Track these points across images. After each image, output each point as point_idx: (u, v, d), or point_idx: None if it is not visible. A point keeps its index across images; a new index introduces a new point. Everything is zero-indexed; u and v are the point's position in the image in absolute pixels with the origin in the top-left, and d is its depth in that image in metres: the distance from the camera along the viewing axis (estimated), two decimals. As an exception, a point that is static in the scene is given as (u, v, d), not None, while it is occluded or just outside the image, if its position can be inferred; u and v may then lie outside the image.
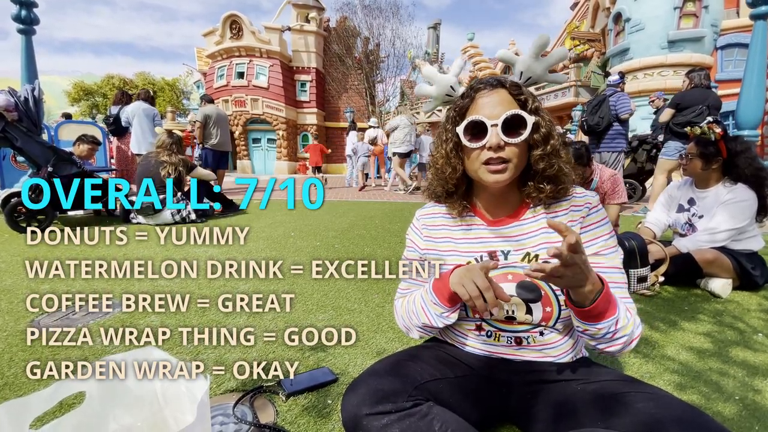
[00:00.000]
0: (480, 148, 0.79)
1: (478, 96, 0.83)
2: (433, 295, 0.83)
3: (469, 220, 0.91)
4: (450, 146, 0.86)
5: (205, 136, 6.16)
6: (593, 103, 4.81)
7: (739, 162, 2.02)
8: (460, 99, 0.86)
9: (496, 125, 0.77)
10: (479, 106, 0.81)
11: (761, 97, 4.45)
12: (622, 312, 0.75)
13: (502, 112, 0.78)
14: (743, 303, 1.89)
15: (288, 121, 18.62)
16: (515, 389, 0.85)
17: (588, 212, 0.84)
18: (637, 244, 1.96)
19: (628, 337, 0.76)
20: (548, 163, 0.81)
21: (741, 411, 1.05)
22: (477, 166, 0.81)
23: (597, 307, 0.72)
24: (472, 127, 0.80)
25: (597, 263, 0.81)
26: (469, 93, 0.85)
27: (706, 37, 10.97)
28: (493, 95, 0.81)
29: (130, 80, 33.41)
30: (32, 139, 3.51)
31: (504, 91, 0.82)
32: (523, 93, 0.83)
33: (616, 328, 0.74)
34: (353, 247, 2.97)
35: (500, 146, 0.77)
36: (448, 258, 0.89)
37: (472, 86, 0.85)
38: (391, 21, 19.69)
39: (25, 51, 4.62)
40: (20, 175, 6.55)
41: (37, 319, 1.59)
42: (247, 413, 0.98)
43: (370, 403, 0.70)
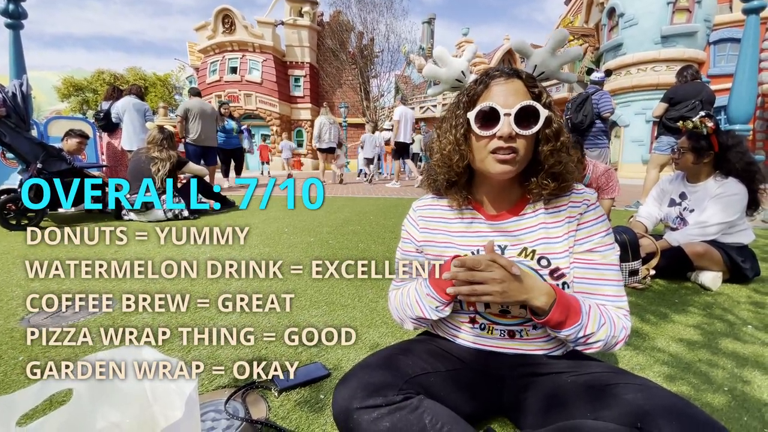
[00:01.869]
0: (490, 137, 0.78)
1: (493, 83, 0.80)
2: (429, 287, 0.82)
3: (467, 213, 0.91)
4: (461, 132, 0.83)
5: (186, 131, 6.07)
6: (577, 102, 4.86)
7: (730, 156, 2.04)
8: (474, 84, 0.84)
9: (509, 114, 0.76)
10: (493, 94, 0.79)
11: (753, 92, 4.48)
12: (591, 319, 0.76)
13: (516, 102, 0.76)
14: (733, 295, 1.92)
15: (282, 117, 18.52)
16: (507, 382, 0.85)
17: (586, 209, 0.84)
18: (628, 238, 1.97)
19: (603, 342, 0.77)
20: (557, 160, 0.80)
21: (730, 402, 1.06)
22: (484, 155, 0.79)
23: (552, 318, 0.74)
24: (484, 114, 0.78)
25: (591, 260, 0.82)
26: (483, 79, 0.82)
27: (699, 32, 11.02)
28: (509, 84, 0.79)
29: (120, 75, 32.99)
30: (21, 135, 3.46)
31: (519, 81, 0.80)
32: (537, 86, 0.81)
33: (584, 333, 0.76)
34: (348, 243, 2.97)
35: (511, 136, 0.76)
36: (445, 250, 0.89)
37: (488, 73, 0.83)
38: (385, 15, 19.57)
39: (13, 46, 4.54)
40: (9, 172, 6.46)
41: (27, 316, 1.57)
42: (239, 409, 0.97)
43: (360, 396, 0.70)
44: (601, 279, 0.82)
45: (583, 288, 0.82)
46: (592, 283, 0.82)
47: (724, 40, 12.25)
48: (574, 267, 0.82)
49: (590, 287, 0.82)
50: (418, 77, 20.64)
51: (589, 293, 0.82)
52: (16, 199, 3.26)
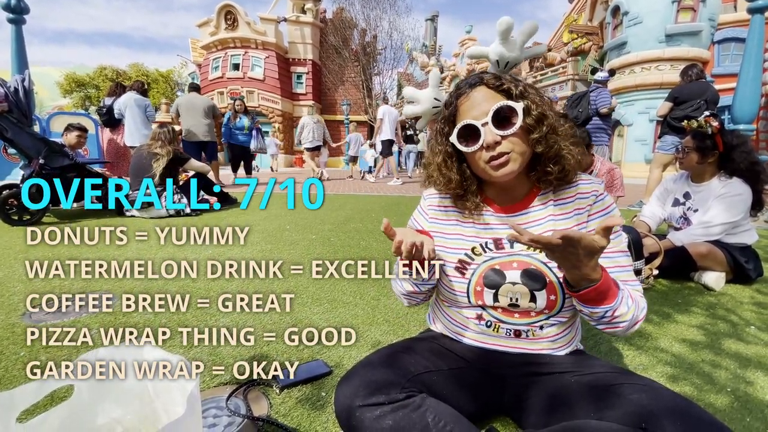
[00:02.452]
0: (479, 150, 0.79)
1: (460, 101, 0.83)
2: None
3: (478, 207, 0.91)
4: (453, 159, 0.86)
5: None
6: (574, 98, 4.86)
7: (734, 156, 2.02)
8: (445, 108, 0.86)
9: (486, 123, 0.77)
10: (465, 110, 0.81)
11: (757, 92, 4.45)
12: (623, 303, 0.75)
13: (489, 108, 0.77)
14: (736, 296, 1.91)
15: (284, 114, 18.50)
16: (510, 381, 0.85)
17: (595, 200, 0.84)
18: (632, 238, 1.96)
19: (628, 323, 0.76)
20: (547, 145, 0.79)
21: (733, 402, 1.05)
22: (482, 166, 0.80)
23: (587, 294, 0.72)
24: (464, 132, 0.80)
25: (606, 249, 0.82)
26: (451, 101, 0.85)
27: (704, 32, 10.97)
28: (475, 94, 0.81)
29: (123, 71, 33.00)
30: (23, 130, 3.46)
31: (483, 87, 0.81)
32: (503, 82, 0.81)
33: (612, 314, 0.74)
34: (349, 240, 2.96)
35: (497, 142, 0.76)
36: (454, 242, 0.89)
37: (452, 93, 0.86)
38: (388, 12, 19.55)
39: (15, 41, 4.53)
40: (12, 168, 6.49)
41: (29, 312, 1.58)
42: (240, 406, 0.97)
43: (363, 394, 0.70)
44: (616, 267, 0.82)
45: None
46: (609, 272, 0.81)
47: (729, 40, 12.18)
48: None
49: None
50: (421, 75, 20.58)
51: None
52: (18, 194, 3.26)
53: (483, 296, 0.84)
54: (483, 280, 0.84)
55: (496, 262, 0.84)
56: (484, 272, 0.85)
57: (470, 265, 0.86)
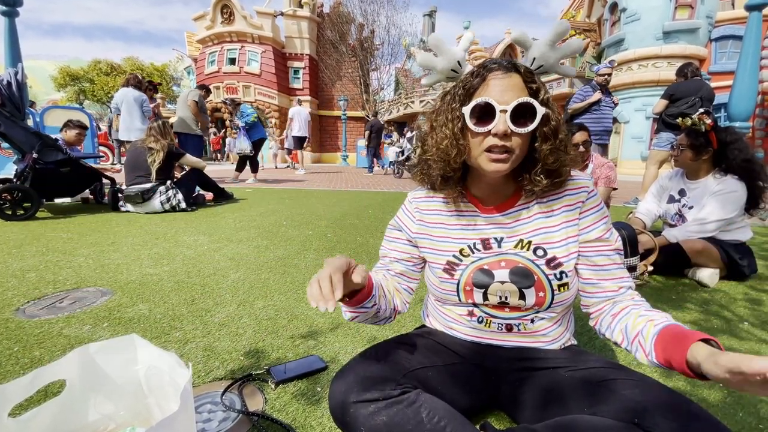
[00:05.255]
0: (484, 134, 0.75)
1: (490, 76, 0.76)
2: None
3: (463, 206, 0.89)
4: (458, 126, 0.78)
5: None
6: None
7: (729, 153, 2.03)
8: (470, 76, 0.80)
9: (505, 111, 0.72)
10: (490, 88, 0.75)
11: (753, 90, 4.48)
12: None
13: (513, 98, 0.73)
14: (730, 292, 1.92)
15: (281, 109, 18.38)
16: (504, 376, 0.85)
17: (587, 196, 0.83)
18: (627, 234, 1.97)
19: None
20: (555, 158, 0.77)
21: (725, 397, 1.06)
22: (478, 152, 0.77)
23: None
24: (480, 109, 0.75)
25: (602, 246, 0.82)
26: (480, 72, 0.78)
27: (701, 29, 10.99)
28: (506, 79, 0.75)
29: (117, 65, 32.69)
30: (16, 124, 3.42)
31: (517, 76, 0.76)
32: (536, 81, 0.78)
33: None
34: (346, 236, 2.96)
35: (506, 134, 0.73)
36: (441, 244, 0.88)
37: (485, 65, 0.78)
38: (386, 7, 19.43)
39: (8, 33, 4.48)
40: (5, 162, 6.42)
41: (22, 306, 1.56)
42: (235, 401, 0.97)
43: (357, 390, 0.70)
44: (612, 264, 0.82)
45: (595, 275, 0.82)
46: (605, 269, 0.82)
47: (726, 37, 12.21)
48: (583, 255, 0.82)
49: (603, 273, 0.82)
50: (419, 70, 20.51)
51: (602, 279, 0.82)
52: (11, 189, 3.23)
53: (473, 295, 0.84)
54: (472, 280, 0.84)
55: (485, 262, 0.84)
56: (472, 273, 0.84)
57: (458, 266, 0.85)
